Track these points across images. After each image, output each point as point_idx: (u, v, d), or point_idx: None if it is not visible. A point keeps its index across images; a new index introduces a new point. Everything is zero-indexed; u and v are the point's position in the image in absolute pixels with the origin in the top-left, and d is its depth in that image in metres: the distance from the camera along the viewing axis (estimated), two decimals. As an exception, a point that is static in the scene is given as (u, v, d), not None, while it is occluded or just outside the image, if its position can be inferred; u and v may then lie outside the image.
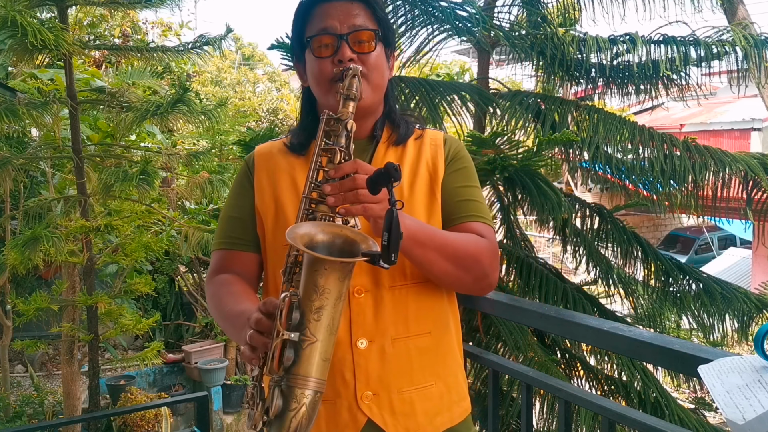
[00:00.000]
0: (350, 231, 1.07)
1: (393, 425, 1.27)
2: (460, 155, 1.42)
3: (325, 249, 1.04)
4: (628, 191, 3.73)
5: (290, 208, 1.32)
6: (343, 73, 1.21)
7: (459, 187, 1.38)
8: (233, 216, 1.41)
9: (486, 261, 1.32)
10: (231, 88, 13.90)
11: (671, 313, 3.91)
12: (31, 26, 3.47)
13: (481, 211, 1.39)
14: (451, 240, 1.28)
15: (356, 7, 1.30)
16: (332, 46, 1.28)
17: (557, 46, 3.44)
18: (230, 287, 1.33)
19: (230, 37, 4.68)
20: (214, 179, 5.10)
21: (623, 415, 1.62)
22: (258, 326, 1.06)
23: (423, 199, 1.34)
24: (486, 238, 1.34)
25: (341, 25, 1.28)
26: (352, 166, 1.11)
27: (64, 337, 4.79)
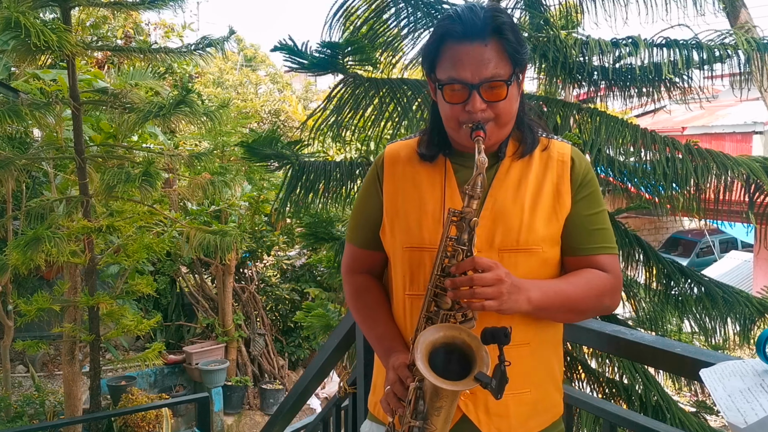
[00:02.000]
0: (467, 335, 1.20)
1: (486, 423, 1.33)
2: (588, 178, 1.40)
3: (444, 354, 1.21)
4: (629, 194, 3.73)
5: (412, 214, 1.39)
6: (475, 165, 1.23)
7: (588, 215, 1.38)
8: (363, 215, 1.51)
9: (607, 301, 1.39)
10: (233, 89, 13.90)
11: (673, 316, 3.91)
12: (35, 27, 3.48)
13: (608, 240, 1.40)
14: (575, 295, 1.33)
15: (489, 51, 1.27)
16: (463, 93, 1.28)
17: (559, 48, 3.44)
18: (367, 295, 1.51)
19: (233, 38, 4.69)
20: (215, 180, 5.11)
21: (624, 418, 1.62)
22: (393, 388, 1.29)
23: (544, 218, 1.35)
24: (611, 272, 1.38)
25: (473, 76, 1.26)
26: (471, 264, 1.20)
27: (66, 337, 4.79)
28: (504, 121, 1.32)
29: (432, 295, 1.25)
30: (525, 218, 1.33)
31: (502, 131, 1.34)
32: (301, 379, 2.77)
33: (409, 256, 1.38)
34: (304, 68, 3.58)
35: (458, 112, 1.29)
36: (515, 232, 1.32)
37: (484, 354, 1.17)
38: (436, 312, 1.24)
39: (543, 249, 1.34)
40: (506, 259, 1.31)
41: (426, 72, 1.39)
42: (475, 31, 1.26)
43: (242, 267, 8.87)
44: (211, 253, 5.34)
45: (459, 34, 1.27)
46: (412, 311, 1.37)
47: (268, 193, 7.95)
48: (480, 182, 1.22)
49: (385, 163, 1.47)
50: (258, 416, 7.77)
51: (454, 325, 1.22)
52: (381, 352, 1.43)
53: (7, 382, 6.35)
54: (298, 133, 4.63)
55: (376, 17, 3.89)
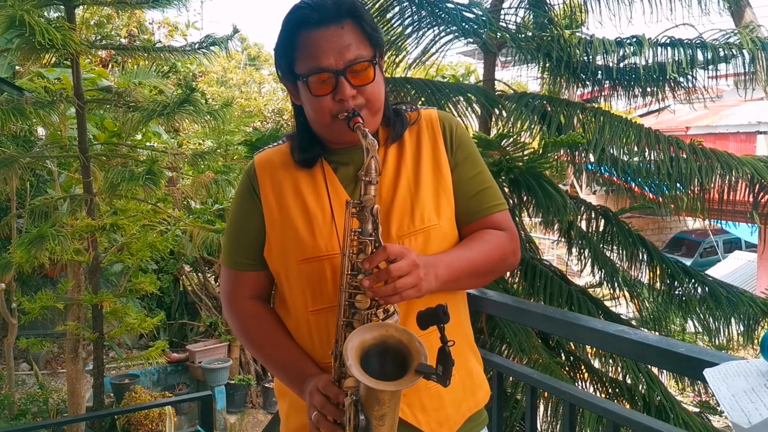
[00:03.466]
0: (395, 330, 1.12)
1: (426, 421, 1.29)
2: (463, 139, 1.38)
3: (377, 356, 1.11)
4: (633, 194, 3.73)
5: (300, 223, 1.30)
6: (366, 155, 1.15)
7: (471, 177, 1.36)
8: (242, 234, 1.39)
9: (510, 257, 1.37)
10: (236, 88, 13.92)
11: (676, 316, 3.90)
12: (39, 26, 3.48)
13: (497, 197, 1.38)
14: (478, 259, 1.30)
15: (347, 33, 1.23)
16: (330, 82, 1.22)
17: (563, 48, 3.44)
18: (259, 322, 1.38)
19: (236, 37, 4.69)
20: (219, 179, 5.11)
21: (627, 418, 1.62)
22: (324, 410, 1.18)
23: (430, 192, 1.31)
24: (506, 228, 1.36)
25: (337, 61, 1.21)
26: (384, 255, 1.12)
27: (69, 335, 4.80)
28: (376, 106, 1.27)
29: (347, 297, 1.16)
30: (413, 199, 1.29)
31: (374, 119, 1.28)
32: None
33: (306, 269, 1.28)
34: (308, 67, 3.58)
35: (328, 105, 1.23)
36: (408, 217, 1.28)
37: (418, 345, 1.09)
38: (354, 315, 1.16)
39: (440, 224, 1.30)
40: (407, 244, 1.25)
41: (283, 73, 1.30)
42: (329, 15, 1.21)
43: (245, 266, 8.87)
44: (215, 251, 5.36)
45: (313, 21, 1.22)
46: (318, 328, 1.28)
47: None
48: (374, 166, 1.15)
49: (258, 174, 1.36)
50: (260, 415, 7.78)
51: (380, 324, 1.14)
52: (291, 379, 1.31)
53: (11, 379, 6.37)
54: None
55: (380, 16, 3.89)
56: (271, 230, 1.33)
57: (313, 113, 1.27)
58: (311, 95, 1.24)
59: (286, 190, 1.33)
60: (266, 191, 1.35)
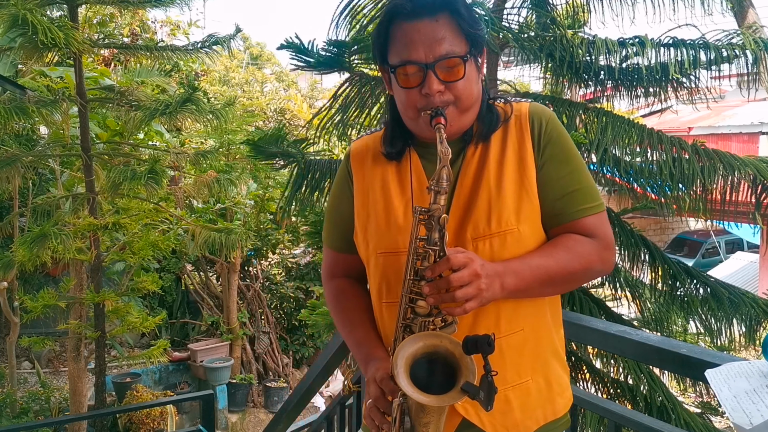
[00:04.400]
0: (449, 342, 1.12)
1: (490, 423, 1.26)
2: (554, 134, 1.29)
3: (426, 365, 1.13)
4: (635, 194, 3.72)
5: (382, 216, 1.31)
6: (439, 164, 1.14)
7: (560, 177, 1.27)
8: (337, 216, 1.43)
9: (597, 266, 1.28)
10: (239, 87, 13.93)
11: (678, 316, 3.90)
12: (42, 25, 3.49)
13: (589, 199, 1.28)
14: (555, 268, 1.23)
15: (441, 26, 1.19)
16: (418, 75, 1.20)
17: (566, 48, 3.43)
18: (345, 300, 1.43)
19: (239, 36, 4.70)
20: (221, 178, 5.12)
21: (629, 418, 1.62)
22: (377, 402, 1.21)
23: (511, 195, 1.25)
24: (596, 234, 1.27)
25: (426, 55, 1.19)
26: (446, 264, 1.10)
27: (71, 334, 4.81)
28: (465, 104, 1.23)
29: (407, 301, 1.17)
30: (492, 201, 1.24)
31: (464, 117, 1.25)
32: (306, 377, 2.77)
33: (384, 261, 1.29)
34: (311, 67, 3.58)
35: (415, 98, 1.22)
36: (485, 218, 1.23)
37: (469, 361, 1.09)
38: (413, 319, 1.16)
39: (518, 228, 1.23)
40: (481, 247, 1.22)
41: (378, 63, 1.30)
42: (424, 7, 1.19)
43: (247, 265, 8.89)
44: (216, 251, 5.35)
45: (407, 12, 1.20)
46: (390, 320, 1.27)
47: (274, 192, 7.96)
48: (445, 175, 1.13)
49: (352, 161, 1.39)
50: (262, 414, 7.79)
51: (435, 333, 1.13)
52: (360, 358, 1.35)
53: (13, 378, 6.38)
54: (304, 131, 4.64)
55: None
56: (358, 218, 1.36)
57: (400, 105, 1.27)
58: (399, 87, 1.24)
59: (374, 180, 1.35)
60: (358, 179, 1.37)
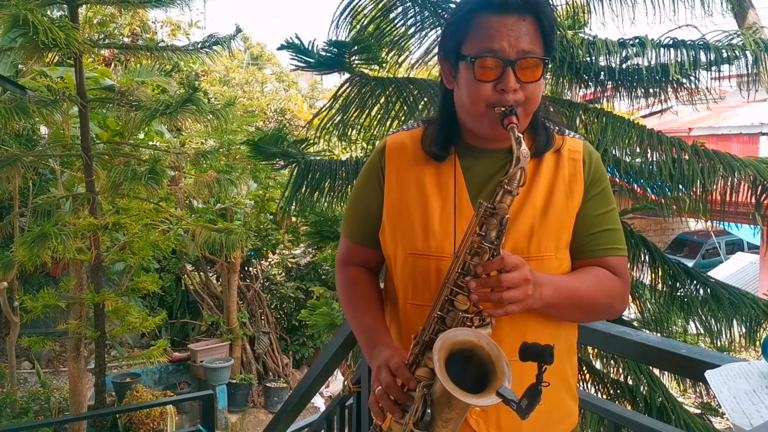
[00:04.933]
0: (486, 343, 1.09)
1: None
2: (599, 174, 1.32)
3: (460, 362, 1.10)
4: (636, 195, 3.72)
5: (417, 218, 1.28)
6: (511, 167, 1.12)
7: (598, 215, 1.30)
8: (361, 209, 1.40)
9: (617, 304, 1.32)
10: (239, 87, 13.94)
11: (678, 317, 3.90)
12: (43, 25, 3.49)
13: (619, 241, 1.32)
14: (586, 294, 1.26)
15: (527, 25, 1.18)
16: (496, 70, 1.17)
17: (566, 48, 3.44)
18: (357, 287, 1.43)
19: (239, 36, 4.70)
20: (221, 178, 5.12)
21: (629, 419, 1.62)
22: (389, 389, 1.16)
23: (555, 224, 1.26)
24: (620, 275, 1.31)
25: (510, 49, 1.16)
26: (500, 264, 1.09)
27: (71, 334, 4.81)
28: (531, 107, 1.22)
29: (448, 293, 1.14)
30: (536, 225, 1.24)
31: (525, 120, 1.23)
32: (306, 377, 2.77)
33: (413, 263, 1.28)
34: (311, 67, 3.58)
35: (488, 93, 1.18)
36: (525, 240, 1.24)
37: (504, 365, 1.07)
38: (449, 312, 1.14)
39: (554, 255, 1.26)
40: None
41: (446, 52, 1.26)
42: (515, 5, 1.17)
43: (247, 265, 8.89)
44: (217, 251, 5.36)
45: (496, 6, 1.17)
46: (415, 322, 1.25)
47: (274, 192, 7.96)
48: (520, 176, 1.11)
49: (387, 154, 1.35)
50: (262, 414, 7.79)
51: (473, 331, 1.11)
52: (366, 343, 1.33)
53: (13, 378, 6.39)
54: (304, 131, 4.65)
55: (382, 16, 3.88)
56: (387, 215, 1.33)
57: (467, 98, 1.22)
58: (473, 78, 1.19)
59: (410, 180, 1.31)
60: (391, 175, 1.33)
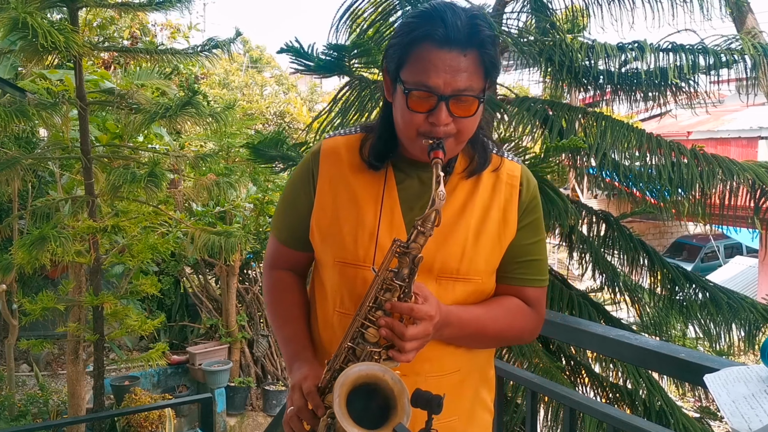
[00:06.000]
0: (391, 378, 1.12)
1: None
2: (534, 203, 1.33)
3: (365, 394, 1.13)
4: (635, 198, 3.72)
5: (346, 226, 1.29)
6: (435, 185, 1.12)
7: (527, 244, 1.32)
8: (292, 211, 1.40)
9: (526, 335, 1.37)
10: (239, 90, 13.95)
11: (677, 321, 3.90)
12: (42, 28, 3.49)
13: (541, 272, 1.35)
14: (492, 330, 1.29)
15: (467, 61, 1.16)
16: (429, 102, 1.17)
17: (565, 52, 3.44)
18: (284, 293, 1.44)
19: (239, 40, 4.70)
20: (221, 181, 5.11)
21: (628, 423, 1.62)
22: (299, 413, 1.22)
23: (486, 248, 1.28)
24: (535, 306, 1.34)
25: (445, 86, 1.15)
26: (408, 311, 1.12)
27: (70, 336, 4.80)
28: (464, 138, 1.23)
29: (359, 325, 1.16)
30: (468, 247, 1.26)
31: (457, 148, 1.25)
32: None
33: (340, 270, 1.29)
34: (311, 70, 3.59)
35: (420, 122, 1.19)
36: (456, 261, 1.25)
37: (406, 402, 1.09)
38: (359, 343, 1.16)
39: (482, 279, 1.28)
40: (444, 285, 1.25)
41: (388, 69, 1.25)
42: (457, 39, 1.15)
43: (246, 268, 8.88)
44: (216, 253, 5.35)
45: (439, 39, 1.15)
46: (342, 328, 1.25)
47: (273, 195, 7.96)
48: (434, 218, 1.12)
49: (321, 159, 1.34)
50: (261, 417, 7.77)
51: (378, 365, 1.14)
52: (286, 355, 1.35)
53: (12, 380, 6.37)
54: (304, 134, 4.65)
55: (382, 20, 3.89)
56: (317, 221, 1.33)
57: (401, 122, 1.23)
58: (406, 107, 1.19)
59: (343, 187, 1.31)
60: (324, 180, 1.33)
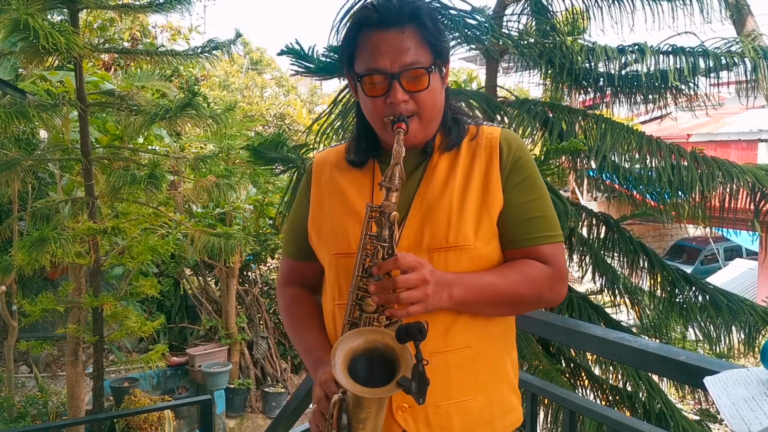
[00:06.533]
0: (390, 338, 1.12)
1: None
2: (521, 162, 1.31)
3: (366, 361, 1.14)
4: (634, 201, 3.73)
5: (339, 219, 1.33)
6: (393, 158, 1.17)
7: (524, 203, 1.30)
8: (295, 225, 1.47)
9: (547, 294, 1.31)
10: (239, 92, 13.95)
11: (677, 323, 3.90)
12: (43, 29, 3.49)
13: (549, 227, 1.32)
14: (505, 289, 1.26)
15: (407, 38, 1.22)
16: (383, 84, 1.23)
17: (566, 54, 3.45)
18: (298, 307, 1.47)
19: (239, 41, 4.70)
20: (220, 183, 5.11)
21: (628, 425, 1.62)
22: (319, 404, 1.24)
23: (472, 212, 1.27)
24: (551, 263, 1.30)
25: (392, 64, 1.21)
26: (394, 264, 1.13)
27: (70, 338, 4.80)
28: (428, 115, 1.26)
29: (355, 298, 1.18)
30: (453, 215, 1.26)
31: (427, 128, 1.28)
32: (304, 382, 2.77)
33: (336, 263, 1.32)
34: (311, 72, 3.59)
35: (380, 107, 1.24)
36: (443, 230, 1.25)
37: (409, 357, 1.09)
38: (360, 316, 1.18)
39: (475, 245, 1.26)
40: (436, 258, 1.24)
41: (345, 69, 1.32)
42: (391, 18, 1.21)
43: (246, 270, 8.88)
44: (216, 255, 5.35)
45: (375, 22, 1.22)
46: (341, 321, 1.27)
47: (273, 197, 7.96)
48: (398, 173, 1.16)
49: (313, 171, 1.43)
50: (260, 419, 7.77)
51: (376, 329, 1.15)
52: (309, 364, 1.37)
53: (11, 382, 6.37)
54: (304, 136, 4.65)
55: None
56: (311, 222, 1.40)
57: (367, 113, 1.30)
58: (365, 95, 1.26)
59: (333, 186, 1.38)
60: (316, 187, 1.42)
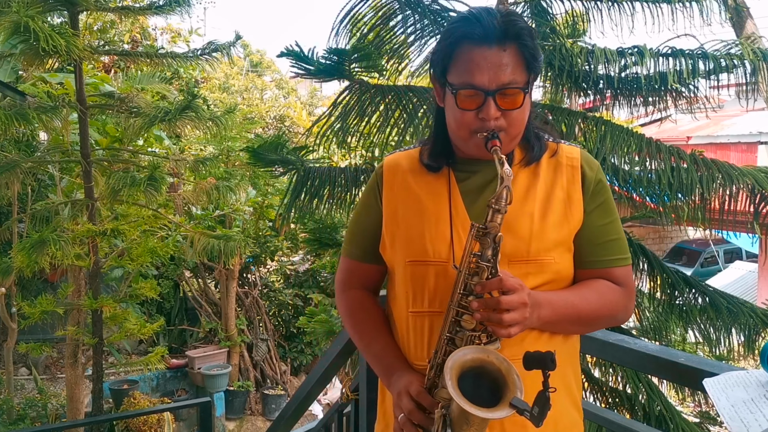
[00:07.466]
0: (496, 357, 1.13)
1: None
2: (601, 185, 1.34)
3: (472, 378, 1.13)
4: (634, 203, 3.72)
5: (414, 226, 1.33)
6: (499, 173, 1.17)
7: (602, 225, 1.33)
8: (360, 227, 1.47)
9: (621, 314, 1.36)
10: (239, 94, 13.94)
11: (677, 326, 3.89)
12: (43, 31, 3.50)
13: (622, 251, 1.35)
14: (585, 310, 1.29)
15: (508, 55, 1.22)
16: (478, 99, 1.23)
17: (565, 57, 3.45)
18: (364, 311, 1.47)
19: (239, 43, 4.71)
20: (220, 185, 5.11)
21: (628, 427, 1.62)
22: (411, 415, 1.21)
23: (553, 227, 1.29)
24: (624, 285, 1.34)
25: (490, 82, 1.21)
26: (498, 284, 1.14)
27: (69, 340, 4.80)
28: (515, 132, 1.27)
29: (455, 314, 1.19)
30: (535, 228, 1.27)
31: (511, 143, 1.29)
32: (304, 384, 2.77)
33: (412, 270, 1.32)
34: (311, 74, 3.59)
35: (471, 120, 1.24)
36: (525, 243, 1.27)
37: (516, 378, 1.10)
38: (458, 332, 1.18)
39: (554, 259, 1.29)
40: (516, 270, 1.24)
41: (435, 75, 1.32)
42: (495, 35, 1.21)
43: (246, 272, 8.88)
44: (215, 257, 5.36)
45: (477, 38, 1.21)
46: (416, 330, 1.31)
47: (273, 199, 7.96)
48: (506, 195, 1.17)
49: (384, 174, 1.42)
50: (260, 422, 7.76)
51: (482, 347, 1.16)
52: (381, 370, 1.37)
53: (10, 384, 6.36)
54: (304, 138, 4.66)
55: (382, 24, 3.90)
56: (386, 227, 1.38)
57: (453, 124, 1.29)
58: (456, 107, 1.25)
59: (407, 192, 1.37)
60: (388, 191, 1.40)
